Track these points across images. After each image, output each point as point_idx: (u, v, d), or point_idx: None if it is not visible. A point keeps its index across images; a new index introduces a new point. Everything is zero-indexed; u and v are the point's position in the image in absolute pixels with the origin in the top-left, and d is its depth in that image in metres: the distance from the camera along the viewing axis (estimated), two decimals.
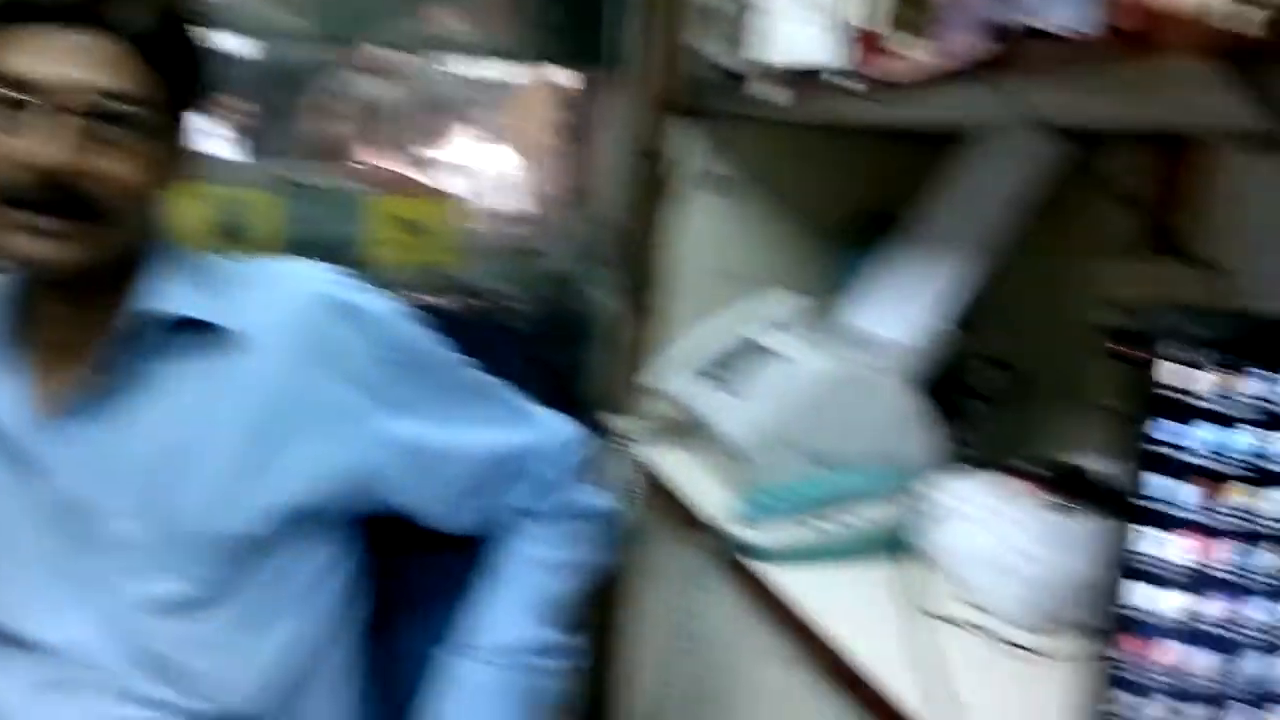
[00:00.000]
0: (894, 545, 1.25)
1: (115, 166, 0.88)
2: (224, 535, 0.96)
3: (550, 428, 1.14)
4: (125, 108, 0.87)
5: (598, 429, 1.80)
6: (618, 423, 1.75)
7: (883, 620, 1.09)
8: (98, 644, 0.96)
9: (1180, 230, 1.29)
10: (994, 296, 1.60)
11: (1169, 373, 0.67)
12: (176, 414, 0.96)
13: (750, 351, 1.47)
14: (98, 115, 0.86)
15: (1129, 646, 0.69)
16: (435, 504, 1.08)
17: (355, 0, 1.81)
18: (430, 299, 1.82)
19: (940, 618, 1.10)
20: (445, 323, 1.10)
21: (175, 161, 0.94)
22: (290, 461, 0.98)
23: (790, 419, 1.33)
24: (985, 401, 1.59)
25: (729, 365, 1.49)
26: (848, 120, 1.57)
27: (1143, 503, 0.67)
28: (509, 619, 1.11)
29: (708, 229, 1.73)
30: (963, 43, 0.93)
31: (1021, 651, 1.04)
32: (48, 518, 0.96)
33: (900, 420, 1.34)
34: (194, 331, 0.96)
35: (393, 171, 1.91)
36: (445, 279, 1.88)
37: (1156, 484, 0.67)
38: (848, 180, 1.75)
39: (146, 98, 0.89)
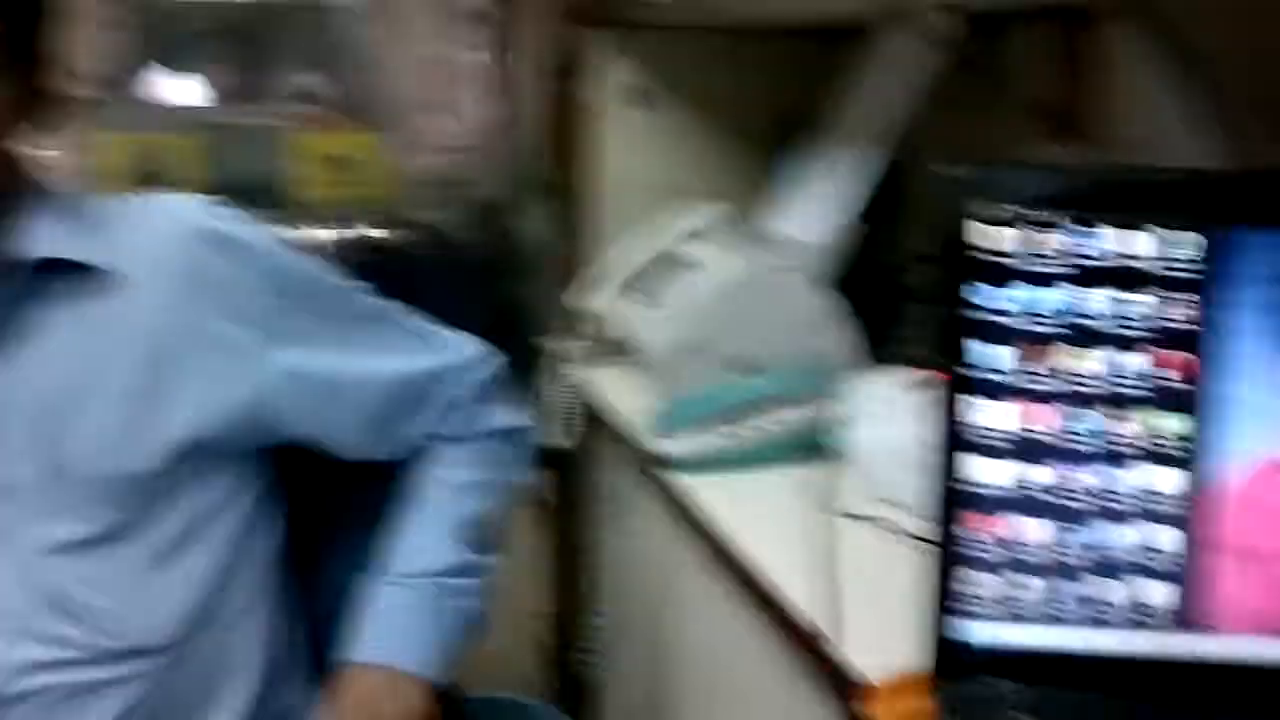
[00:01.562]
0: (811, 448, 1.24)
1: None
2: (118, 476, 0.96)
3: (455, 349, 1.13)
4: None
5: (535, 353, 1.80)
6: (554, 346, 1.75)
7: (790, 524, 1.07)
8: (1, 588, 0.96)
9: (1079, 113, 1.26)
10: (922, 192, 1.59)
11: (978, 233, 0.66)
12: (59, 358, 0.95)
13: (669, 263, 1.46)
14: None
15: (967, 522, 0.68)
16: (339, 433, 1.07)
17: None
18: (368, 233, 1.81)
19: (852, 516, 1.09)
20: (384, 257, 1.08)
21: (29, 103, 0.93)
22: (181, 399, 0.97)
23: (702, 326, 1.31)
24: (919, 300, 1.58)
25: (650, 278, 1.47)
26: (750, 19, 1.55)
27: (966, 371, 0.66)
28: (424, 544, 1.11)
29: (631, 144, 1.71)
30: None
31: (924, 543, 1.03)
32: None
33: (813, 320, 1.32)
34: (71, 274, 0.94)
35: (315, 106, 1.88)
36: (380, 213, 1.86)
37: (977, 351, 0.66)
38: (769, 84, 1.71)
39: None
